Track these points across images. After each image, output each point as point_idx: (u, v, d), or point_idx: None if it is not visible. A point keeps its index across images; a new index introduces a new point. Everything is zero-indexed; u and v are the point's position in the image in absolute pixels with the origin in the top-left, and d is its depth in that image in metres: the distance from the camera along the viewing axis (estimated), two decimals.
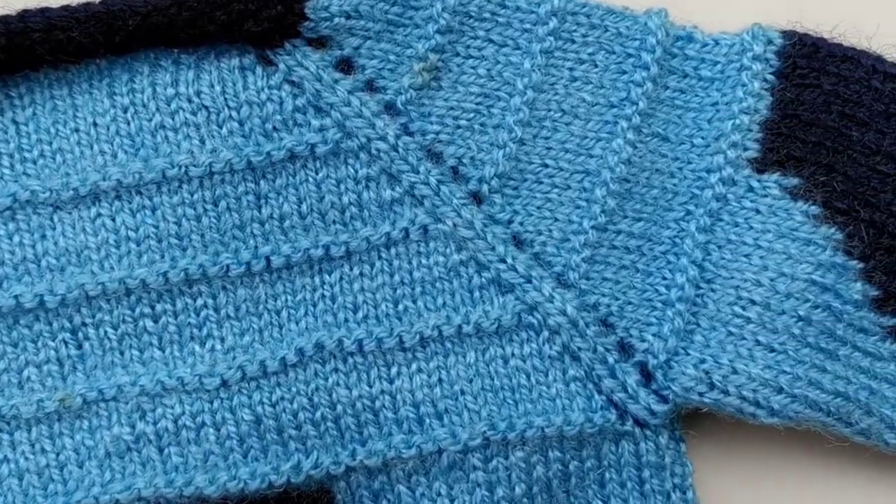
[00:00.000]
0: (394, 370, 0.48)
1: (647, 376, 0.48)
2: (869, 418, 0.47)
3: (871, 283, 0.48)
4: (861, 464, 0.51)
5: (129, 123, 0.48)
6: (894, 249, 0.48)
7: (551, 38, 0.49)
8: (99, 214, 0.48)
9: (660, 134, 0.50)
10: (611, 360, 0.48)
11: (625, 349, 0.49)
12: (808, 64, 0.49)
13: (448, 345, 0.49)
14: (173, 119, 0.48)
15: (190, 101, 0.48)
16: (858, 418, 0.47)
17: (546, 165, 0.50)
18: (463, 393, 0.48)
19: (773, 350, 0.47)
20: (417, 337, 0.48)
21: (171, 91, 0.48)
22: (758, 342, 0.47)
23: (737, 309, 0.48)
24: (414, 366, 0.49)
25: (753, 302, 0.48)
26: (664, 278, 0.49)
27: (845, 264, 0.48)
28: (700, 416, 0.50)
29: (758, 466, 0.52)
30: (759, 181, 0.49)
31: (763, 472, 0.51)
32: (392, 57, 0.49)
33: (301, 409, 0.48)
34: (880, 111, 0.49)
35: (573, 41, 0.50)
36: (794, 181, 0.49)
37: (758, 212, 0.49)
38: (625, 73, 0.50)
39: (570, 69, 0.50)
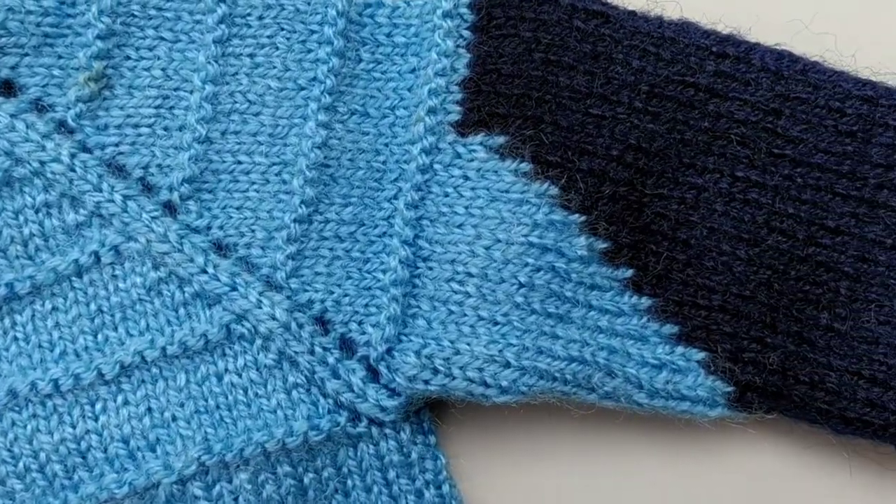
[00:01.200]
0: (98, 406, 0.44)
1: (374, 371, 0.45)
2: (612, 380, 0.44)
3: (596, 235, 0.44)
4: (621, 426, 0.47)
5: None
6: (618, 197, 0.45)
7: (223, 27, 0.46)
8: None
9: (358, 111, 0.46)
10: (331, 359, 0.44)
11: (347, 346, 0.45)
12: (503, 13, 0.46)
13: (155, 370, 0.45)
14: None
15: None
16: (600, 382, 0.44)
17: (240, 162, 0.46)
18: (175, 419, 0.44)
19: (496, 323, 0.44)
20: (118, 367, 0.44)
21: None
22: (480, 317, 0.44)
23: (454, 285, 0.44)
24: (120, 398, 0.45)
25: (470, 274, 0.44)
26: (381, 263, 0.45)
27: (565, 220, 0.44)
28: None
29: (522, 447, 0.48)
30: (464, 145, 0.45)
31: (526, 453, 0.47)
32: (56, 71, 0.45)
33: (2, 462, 0.44)
34: (586, 52, 0.46)
35: (249, 26, 0.46)
36: (500, 139, 0.45)
37: (466, 178, 0.45)
38: (310, 51, 0.46)
39: (251, 56, 0.46)
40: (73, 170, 0.45)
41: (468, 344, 0.43)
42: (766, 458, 0.48)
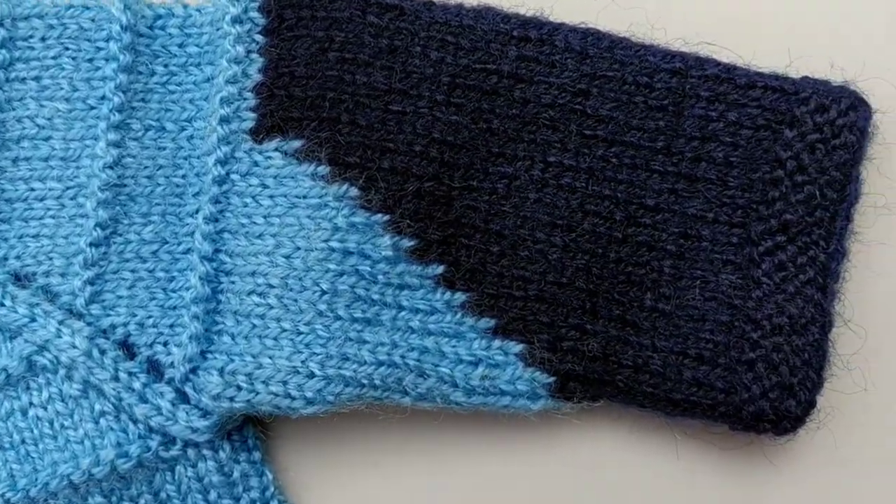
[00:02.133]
0: None
1: (184, 392, 0.44)
2: (425, 381, 0.42)
3: (401, 234, 0.43)
4: (457, 426, 0.45)
5: None
6: (424, 193, 0.44)
7: (4, 51, 0.44)
8: None
9: (154, 125, 0.45)
10: (138, 384, 0.43)
11: (156, 368, 0.43)
12: (294, 13, 0.45)
13: None
14: None
15: None
16: (412, 384, 0.42)
17: (33, 189, 0.45)
18: None
19: (299, 333, 0.42)
20: None
21: None
22: (283, 329, 0.42)
23: (256, 298, 0.43)
24: None
25: (271, 285, 0.42)
26: (188, 280, 0.44)
27: (367, 221, 0.43)
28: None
29: (356, 453, 0.46)
30: (260, 153, 0.44)
31: (360, 458, 0.46)
32: None
33: None
34: (383, 47, 0.44)
35: (32, 48, 0.45)
36: (296, 143, 0.44)
37: (265, 186, 0.44)
38: (98, 69, 0.45)
39: (37, 79, 0.45)
40: None
41: (271, 357, 0.42)
42: (599, 447, 0.46)
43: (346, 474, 0.46)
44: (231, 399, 0.42)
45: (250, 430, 0.44)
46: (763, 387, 0.44)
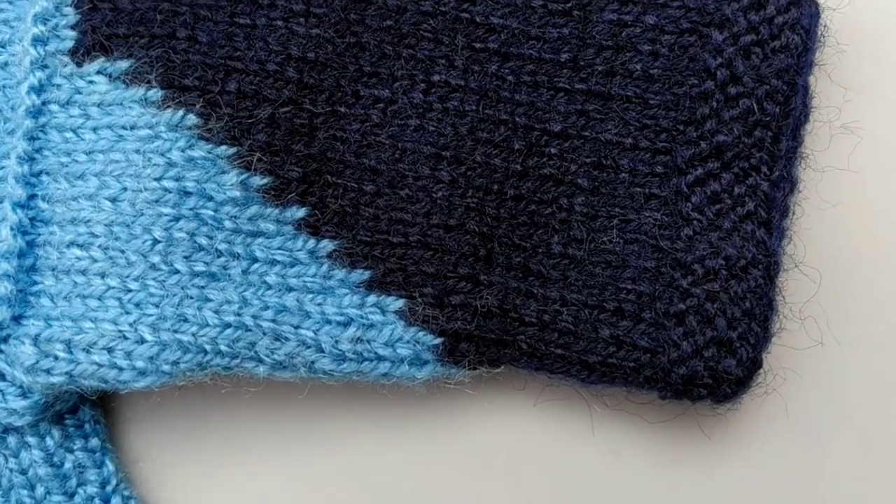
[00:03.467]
0: None
1: None
2: (282, 346, 0.35)
3: (252, 170, 0.35)
4: (334, 401, 0.39)
5: None
6: (279, 120, 0.36)
7: None
8: None
9: None
10: None
11: None
12: None
13: None
14: None
15: None
16: (267, 349, 0.35)
17: None
18: None
19: (128, 290, 0.35)
20: None
21: None
22: (108, 286, 0.35)
23: (76, 250, 0.35)
24: None
25: (94, 235, 0.35)
26: None
27: (208, 155, 0.35)
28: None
29: (216, 438, 0.38)
30: (81, 77, 0.36)
31: (222, 444, 0.38)
32: None
33: None
34: None
35: None
36: (123, 64, 0.36)
37: (88, 116, 0.36)
38: None
39: None
40: None
41: (93, 320, 0.35)
42: (500, 423, 0.38)
43: (204, 462, 0.39)
44: (48, 371, 0.34)
45: (87, 413, 0.37)
46: (696, 343, 0.36)
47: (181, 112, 0.36)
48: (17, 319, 0.36)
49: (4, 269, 0.36)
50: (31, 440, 0.37)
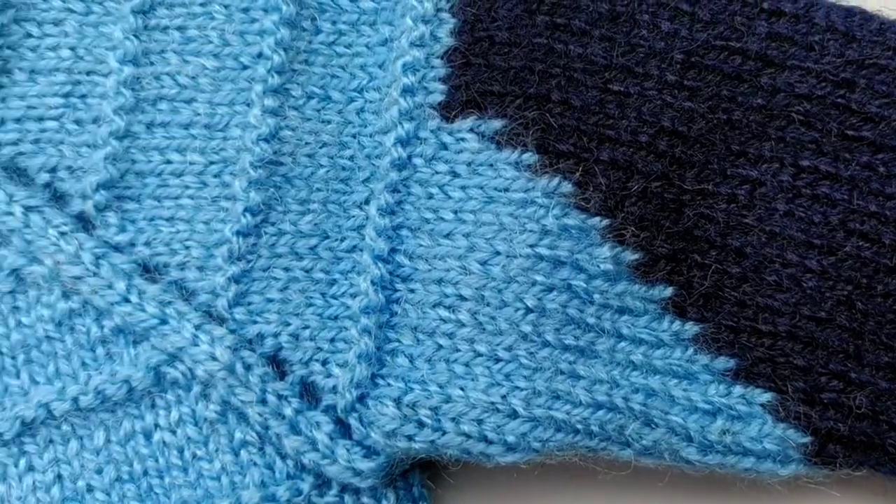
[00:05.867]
0: None
1: (346, 425, 0.35)
2: (652, 431, 0.34)
3: (623, 244, 0.34)
4: (666, 491, 0.37)
5: None
6: (650, 194, 0.35)
7: None
8: None
9: (318, 94, 0.37)
10: (289, 410, 0.35)
11: (310, 392, 0.35)
12: None
13: (66, 427, 0.35)
14: None
15: None
16: (636, 434, 0.34)
17: (169, 161, 0.36)
18: (90, 490, 0.35)
19: (497, 360, 0.34)
20: (18, 424, 0.35)
21: None
22: (477, 353, 0.34)
23: (443, 311, 0.34)
24: (22, 463, 0.35)
25: (463, 298, 0.34)
26: (352, 286, 0.36)
27: (583, 225, 0.34)
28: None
29: None
30: (450, 133, 0.36)
31: None
32: None
33: None
34: (603, 12, 0.36)
35: None
36: (496, 124, 0.35)
37: (455, 174, 0.35)
38: (254, 21, 0.37)
39: (181, 28, 0.37)
40: None
41: (462, 388, 0.34)
42: None
43: None
44: (409, 438, 0.33)
45: (416, 478, 0.36)
46: None
47: (557, 180, 0.35)
48: (371, 378, 0.35)
49: (365, 325, 0.35)
50: (367, 502, 0.36)
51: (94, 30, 0.37)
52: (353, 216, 0.37)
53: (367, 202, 0.36)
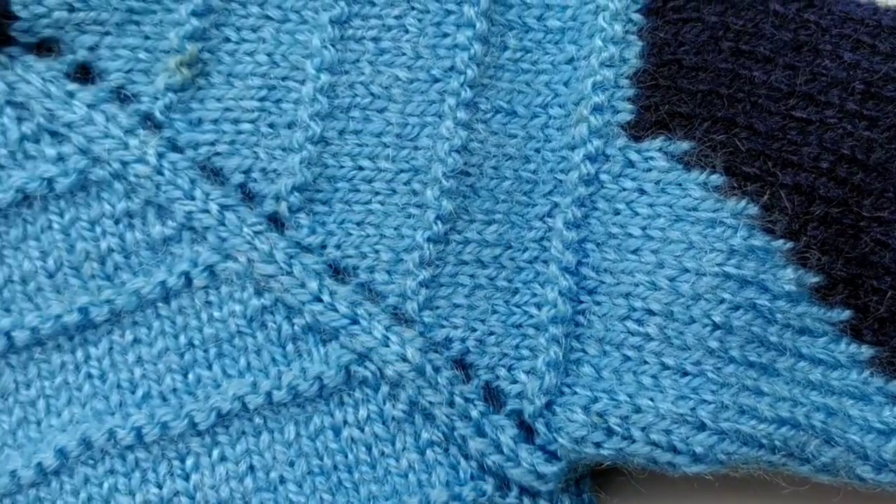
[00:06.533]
0: (190, 462, 0.36)
1: (528, 429, 0.36)
2: (831, 449, 0.35)
3: (806, 266, 0.35)
4: None
5: None
6: (832, 219, 0.36)
7: (343, 4, 0.38)
8: None
9: (504, 108, 0.38)
10: (475, 413, 0.36)
11: (493, 396, 0.36)
12: None
13: (258, 420, 0.36)
14: None
15: None
16: (816, 450, 0.35)
17: (361, 168, 0.38)
18: (283, 481, 0.36)
19: (685, 374, 0.35)
20: (213, 414, 0.36)
21: None
22: (664, 366, 0.35)
23: (630, 324, 0.36)
24: (216, 453, 0.36)
25: (651, 312, 0.35)
26: (534, 295, 0.37)
27: (768, 246, 0.35)
28: (615, 470, 0.38)
29: None
30: (638, 151, 0.37)
31: None
32: (142, 54, 0.37)
33: None
34: (786, 41, 0.37)
35: (373, 3, 0.38)
36: (685, 146, 0.37)
37: (643, 192, 0.36)
38: (446, 35, 0.38)
39: (375, 40, 0.38)
40: (160, 172, 0.37)
41: (651, 399, 0.35)
42: None
43: None
44: (597, 445, 0.35)
45: (587, 484, 0.37)
46: None
47: (744, 201, 0.36)
48: (558, 387, 0.37)
49: (553, 335, 0.36)
50: None
51: (290, 37, 0.39)
52: (535, 228, 0.38)
53: (548, 215, 0.38)
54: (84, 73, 0.38)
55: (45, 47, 0.38)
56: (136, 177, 0.37)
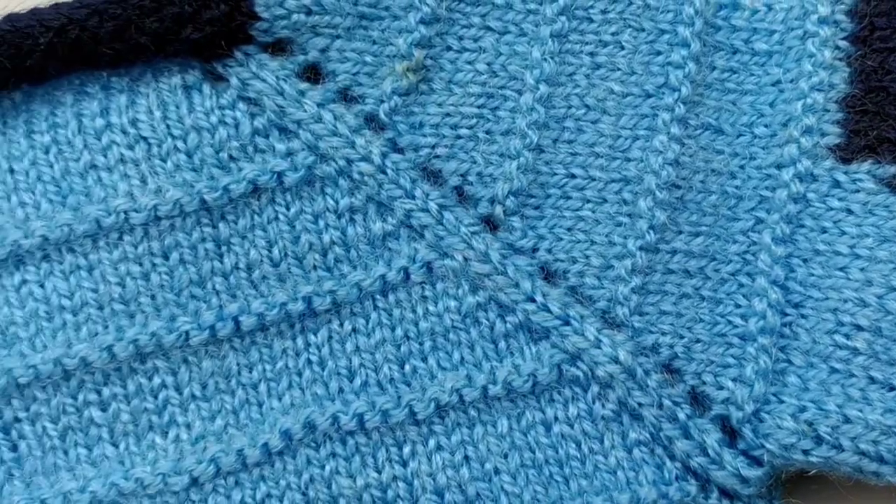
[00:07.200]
0: (407, 450, 0.38)
1: (731, 433, 0.38)
2: None
3: None
4: None
5: (52, 166, 0.39)
6: None
7: (563, 19, 0.40)
8: (24, 281, 0.38)
9: (711, 125, 0.40)
10: (682, 415, 0.38)
11: (699, 401, 0.38)
12: (888, 23, 0.39)
13: (473, 412, 0.38)
14: (106, 156, 0.38)
15: (125, 132, 0.38)
16: None
17: (573, 176, 0.39)
18: (497, 472, 0.38)
19: (892, 388, 0.37)
20: (432, 405, 0.38)
21: (100, 122, 0.38)
22: (872, 379, 0.37)
23: (839, 338, 0.37)
24: (432, 442, 0.38)
25: (859, 327, 0.37)
26: (738, 306, 0.38)
27: None
28: (805, 480, 0.39)
29: None
30: (846, 173, 0.38)
31: None
32: (369, 58, 0.39)
33: None
34: None
35: (591, 20, 0.40)
36: (892, 169, 0.38)
37: (850, 212, 0.38)
38: (659, 53, 0.40)
39: (592, 54, 0.40)
40: (383, 171, 0.39)
41: (860, 411, 0.36)
42: None
43: None
44: (806, 452, 0.36)
45: (779, 491, 0.39)
46: None
47: None
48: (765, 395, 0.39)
49: (763, 345, 0.38)
50: None
51: (509, 48, 0.40)
52: (739, 241, 0.39)
53: (752, 230, 0.39)
54: (313, 74, 0.40)
55: (277, 47, 0.40)
56: (359, 174, 0.39)
